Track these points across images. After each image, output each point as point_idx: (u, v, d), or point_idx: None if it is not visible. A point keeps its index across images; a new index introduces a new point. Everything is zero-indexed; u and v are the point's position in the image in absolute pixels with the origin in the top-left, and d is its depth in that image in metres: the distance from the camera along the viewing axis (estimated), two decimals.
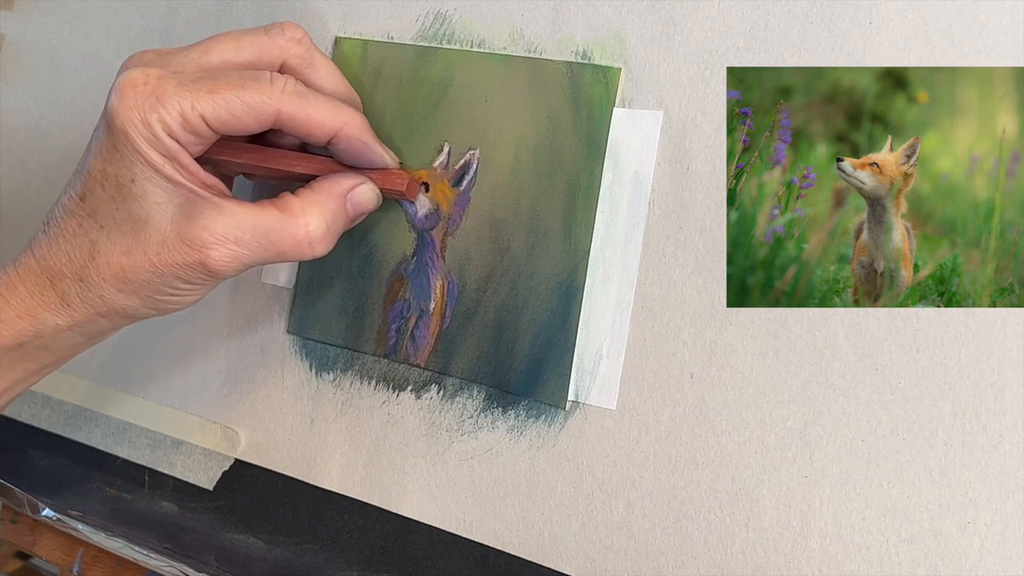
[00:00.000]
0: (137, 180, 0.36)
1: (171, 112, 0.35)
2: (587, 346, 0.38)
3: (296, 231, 0.37)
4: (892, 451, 0.33)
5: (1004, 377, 0.32)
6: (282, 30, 0.39)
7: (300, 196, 0.38)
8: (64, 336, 0.38)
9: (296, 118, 0.36)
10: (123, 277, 0.37)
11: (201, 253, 0.36)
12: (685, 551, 0.36)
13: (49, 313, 0.38)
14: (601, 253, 0.38)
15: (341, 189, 0.38)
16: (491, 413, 0.40)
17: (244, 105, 0.35)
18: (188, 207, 0.36)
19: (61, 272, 0.37)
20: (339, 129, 0.37)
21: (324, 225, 0.37)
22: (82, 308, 0.37)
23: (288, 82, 0.36)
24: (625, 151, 0.37)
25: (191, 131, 0.35)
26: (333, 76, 0.40)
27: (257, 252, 0.37)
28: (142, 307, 0.38)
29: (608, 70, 0.38)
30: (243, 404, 0.45)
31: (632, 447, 0.37)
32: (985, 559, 0.31)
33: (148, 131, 0.35)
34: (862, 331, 0.34)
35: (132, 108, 0.35)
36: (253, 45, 0.38)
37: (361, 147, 0.38)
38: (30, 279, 0.38)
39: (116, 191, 0.36)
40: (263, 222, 0.37)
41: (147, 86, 0.35)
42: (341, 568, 0.42)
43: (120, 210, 0.36)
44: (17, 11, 0.55)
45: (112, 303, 0.37)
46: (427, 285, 0.41)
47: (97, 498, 0.48)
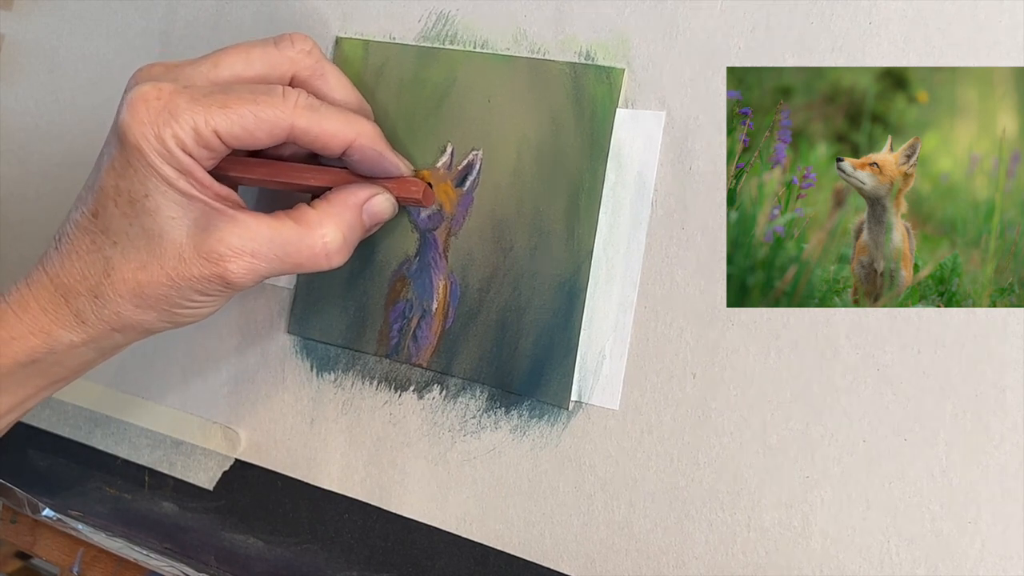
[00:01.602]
0: (151, 195, 0.36)
1: (184, 127, 0.35)
2: (590, 346, 0.38)
3: (313, 243, 0.37)
4: (893, 451, 0.33)
5: (1005, 377, 0.32)
6: (291, 42, 0.38)
7: (316, 208, 0.37)
8: (78, 352, 0.38)
9: (310, 132, 0.36)
10: (139, 292, 0.37)
11: (219, 266, 0.36)
12: (686, 551, 0.36)
13: (63, 330, 0.37)
14: (604, 253, 0.38)
15: (357, 200, 0.38)
16: (494, 413, 0.40)
17: (257, 120, 0.35)
18: (203, 220, 0.36)
19: (76, 290, 0.37)
20: (353, 140, 0.37)
21: (341, 237, 0.37)
22: (97, 324, 0.37)
23: (301, 96, 0.36)
24: (628, 152, 0.37)
25: (204, 146, 0.35)
26: (344, 87, 0.39)
27: (274, 264, 0.37)
28: (158, 321, 0.38)
29: (611, 71, 0.38)
30: (243, 404, 0.45)
31: (634, 447, 0.37)
32: (986, 559, 0.31)
33: (162, 146, 0.35)
34: (863, 331, 0.34)
35: (145, 123, 0.35)
36: (263, 58, 0.38)
37: (375, 157, 0.38)
38: (43, 296, 0.37)
39: (129, 207, 0.36)
40: (279, 234, 0.36)
41: (159, 101, 0.35)
42: (341, 568, 0.42)
43: (134, 226, 0.36)
44: (17, 11, 0.55)
45: (128, 318, 0.37)
46: (430, 285, 0.41)
47: (97, 498, 0.48)
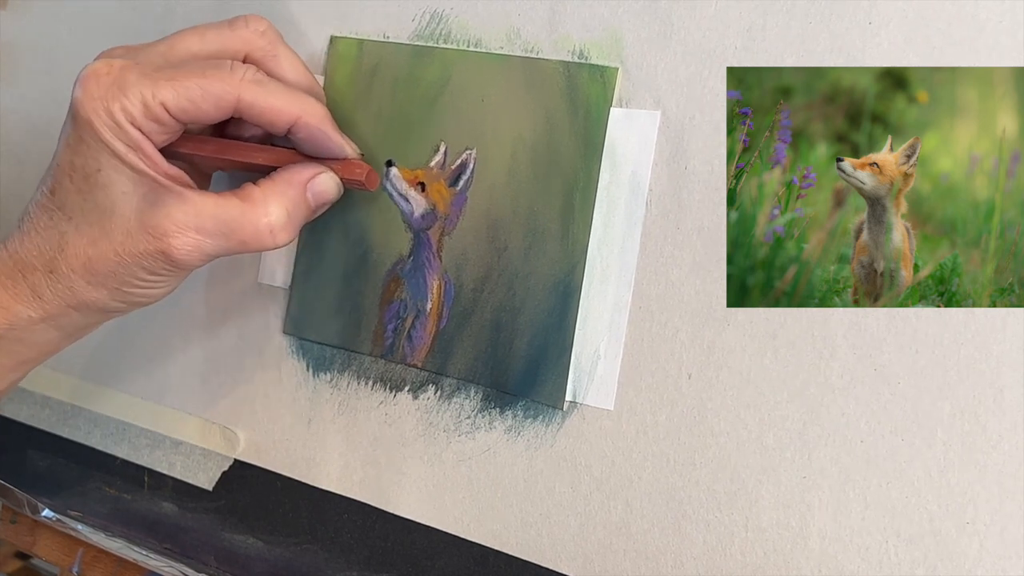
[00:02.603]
0: (103, 169, 0.36)
1: (133, 100, 0.35)
2: (585, 346, 0.37)
3: (257, 220, 0.37)
4: (891, 451, 0.33)
5: (1003, 377, 0.32)
6: (246, 23, 0.39)
7: (261, 186, 0.38)
8: (38, 330, 0.39)
9: (255, 105, 0.37)
10: (90, 268, 0.37)
11: (162, 241, 0.36)
12: (684, 551, 0.36)
13: (21, 305, 0.38)
14: (599, 253, 0.37)
15: (301, 178, 0.38)
16: (488, 414, 0.40)
17: (204, 92, 0.36)
18: (152, 196, 0.36)
19: (32, 264, 0.38)
20: (298, 117, 0.37)
21: (285, 214, 0.38)
22: (53, 300, 0.38)
23: (248, 71, 0.37)
24: (622, 151, 0.37)
25: (153, 119, 0.36)
26: (296, 68, 0.40)
27: (219, 241, 0.37)
28: (111, 300, 0.38)
29: (605, 70, 0.37)
30: (241, 405, 0.45)
31: (630, 447, 0.37)
32: (984, 559, 0.31)
33: (111, 120, 0.35)
34: (862, 331, 0.33)
35: (96, 98, 0.35)
36: (217, 37, 0.39)
37: (321, 136, 0.38)
38: (3, 272, 0.38)
39: (83, 182, 0.37)
40: (224, 211, 0.37)
41: (109, 76, 0.36)
42: (340, 568, 0.42)
43: (87, 201, 0.37)
44: (14, 11, 0.55)
45: (81, 295, 0.38)
46: (424, 285, 0.41)
47: (97, 498, 0.48)
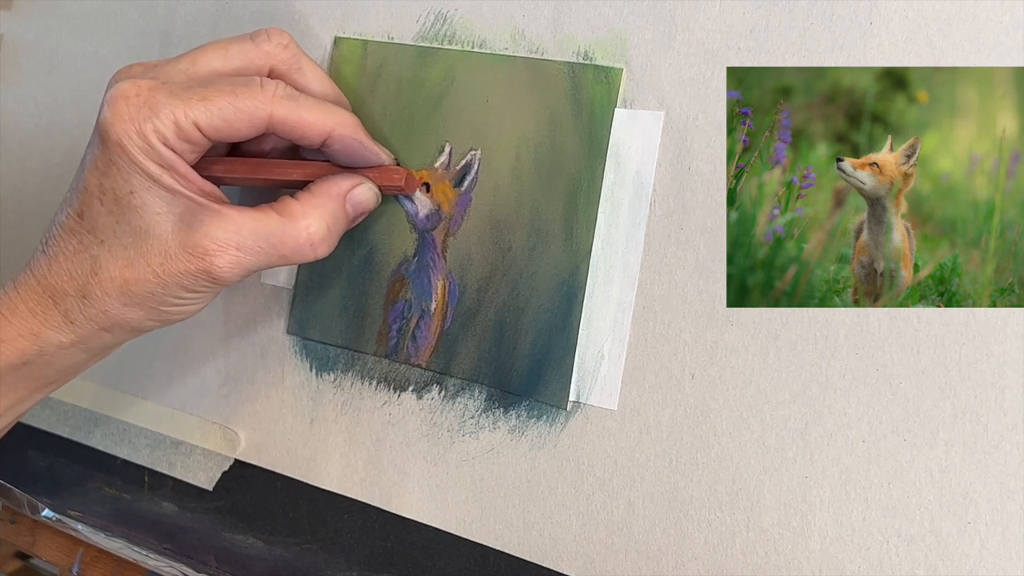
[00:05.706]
0: (136, 192, 0.36)
1: (165, 121, 0.35)
2: (588, 346, 0.38)
3: (297, 234, 0.37)
4: (892, 451, 0.33)
5: (1004, 377, 0.32)
6: (268, 37, 0.39)
7: (300, 199, 0.38)
8: (68, 353, 0.38)
9: (288, 121, 0.36)
10: (126, 290, 0.37)
11: (204, 261, 0.36)
12: (685, 551, 0.36)
13: (52, 331, 0.37)
14: (602, 253, 0.38)
15: (340, 190, 0.38)
16: (492, 413, 0.40)
17: (236, 111, 0.35)
18: (188, 216, 0.36)
19: (63, 290, 0.37)
20: (332, 130, 0.37)
21: (325, 227, 0.38)
22: (86, 324, 0.37)
23: (279, 86, 0.36)
24: (626, 151, 0.37)
25: (185, 139, 0.35)
26: (321, 80, 0.40)
27: (260, 257, 0.37)
28: (146, 319, 0.38)
29: (609, 70, 0.38)
30: (243, 404, 0.45)
31: (633, 447, 0.37)
32: (985, 559, 0.31)
33: (144, 142, 0.35)
34: (862, 331, 0.34)
35: (126, 120, 0.35)
36: (241, 53, 0.38)
37: (356, 146, 0.38)
38: (31, 299, 0.37)
39: (115, 204, 0.36)
40: (264, 227, 0.37)
41: (139, 97, 0.35)
42: (341, 568, 0.42)
43: (120, 223, 0.36)
44: (16, 11, 0.55)
45: (116, 317, 0.37)
46: (428, 285, 0.41)
47: (97, 498, 0.48)
